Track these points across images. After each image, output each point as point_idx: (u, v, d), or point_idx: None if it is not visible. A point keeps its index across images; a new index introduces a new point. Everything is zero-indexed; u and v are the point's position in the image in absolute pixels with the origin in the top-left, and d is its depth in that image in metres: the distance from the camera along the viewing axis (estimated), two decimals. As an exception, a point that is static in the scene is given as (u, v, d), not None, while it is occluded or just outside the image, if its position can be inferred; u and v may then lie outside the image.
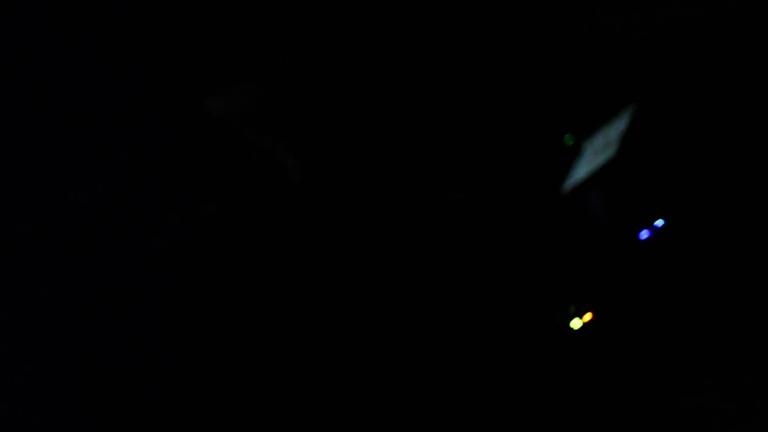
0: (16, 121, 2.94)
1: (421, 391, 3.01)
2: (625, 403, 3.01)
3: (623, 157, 3.17)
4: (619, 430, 2.97)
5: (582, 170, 3.18)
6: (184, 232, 3.00)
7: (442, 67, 3.19)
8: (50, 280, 2.92)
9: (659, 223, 3.18)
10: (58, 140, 2.96)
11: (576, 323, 3.14)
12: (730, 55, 3.19)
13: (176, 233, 3.00)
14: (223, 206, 3.04)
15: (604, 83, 3.23)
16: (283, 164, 3.02)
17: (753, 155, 3.22)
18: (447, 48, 3.19)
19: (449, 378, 3.03)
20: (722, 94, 3.21)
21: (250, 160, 3.03)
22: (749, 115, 3.20)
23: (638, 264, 3.17)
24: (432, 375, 3.03)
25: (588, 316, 3.13)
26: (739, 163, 3.21)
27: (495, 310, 3.10)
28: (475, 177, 3.18)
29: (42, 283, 2.92)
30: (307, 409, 2.98)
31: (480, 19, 3.20)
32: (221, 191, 3.04)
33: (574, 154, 3.20)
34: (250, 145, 3.04)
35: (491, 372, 3.05)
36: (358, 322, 3.04)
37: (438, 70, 3.19)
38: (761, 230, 3.18)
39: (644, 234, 3.18)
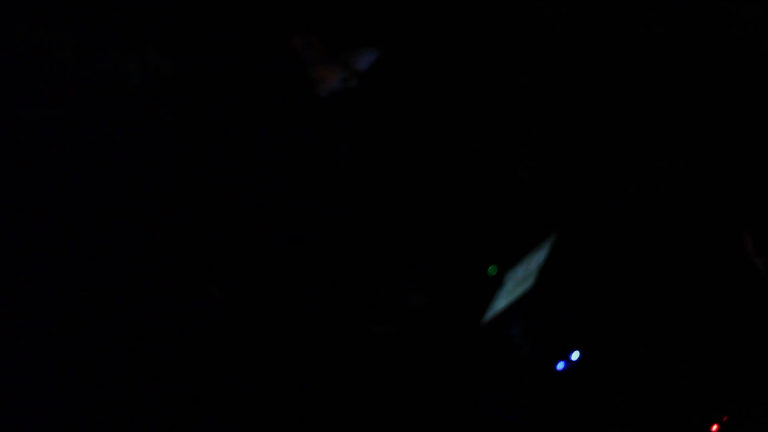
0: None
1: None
2: None
3: (541, 289, 3.21)
4: None
5: (502, 301, 3.24)
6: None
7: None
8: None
9: (575, 355, 3.19)
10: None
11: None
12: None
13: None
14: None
15: (526, 217, 3.29)
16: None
17: (665, 286, 3.19)
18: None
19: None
20: (636, 225, 3.21)
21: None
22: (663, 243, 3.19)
23: (555, 393, 3.18)
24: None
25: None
26: (652, 298, 3.19)
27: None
28: (400, 305, 3.29)
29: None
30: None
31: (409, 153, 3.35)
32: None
33: (496, 285, 3.27)
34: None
35: None
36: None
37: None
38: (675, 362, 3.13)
39: (560, 365, 3.19)
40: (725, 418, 2.99)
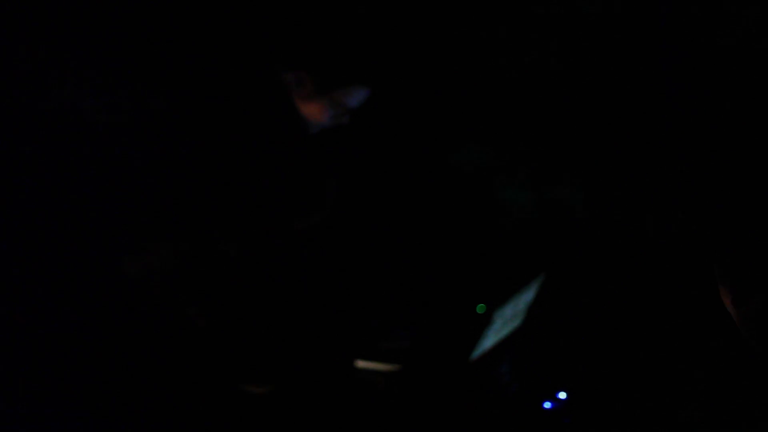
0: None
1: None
2: None
3: (529, 328, 3.23)
4: None
5: (490, 340, 3.26)
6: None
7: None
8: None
9: (562, 395, 3.20)
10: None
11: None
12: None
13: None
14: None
15: (516, 255, 3.31)
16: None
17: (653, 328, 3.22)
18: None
19: None
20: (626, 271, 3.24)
21: None
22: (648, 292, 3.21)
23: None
24: None
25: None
26: (641, 340, 3.21)
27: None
28: (388, 343, 3.30)
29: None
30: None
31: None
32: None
33: (485, 323, 3.28)
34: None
35: None
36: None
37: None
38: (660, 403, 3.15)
39: (548, 404, 3.21)
40: None
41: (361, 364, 3.22)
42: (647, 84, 3.37)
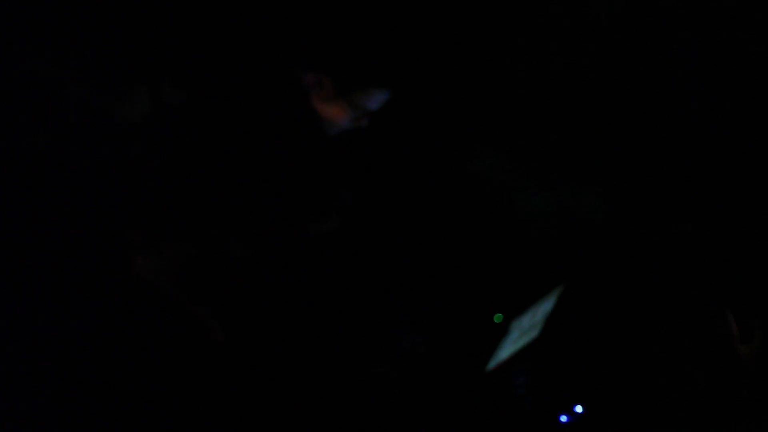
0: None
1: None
2: None
3: (546, 339, 3.17)
4: None
5: (507, 351, 3.21)
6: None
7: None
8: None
9: (579, 408, 3.15)
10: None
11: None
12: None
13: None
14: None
15: (535, 265, 3.26)
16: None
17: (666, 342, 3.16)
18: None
19: None
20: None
21: None
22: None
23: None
24: None
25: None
26: (658, 355, 3.16)
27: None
28: (402, 347, 3.26)
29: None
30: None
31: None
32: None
33: (501, 333, 3.23)
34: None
35: None
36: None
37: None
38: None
39: (564, 418, 3.16)
40: None
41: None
42: (666, 89, 3.32)
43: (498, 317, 3.24)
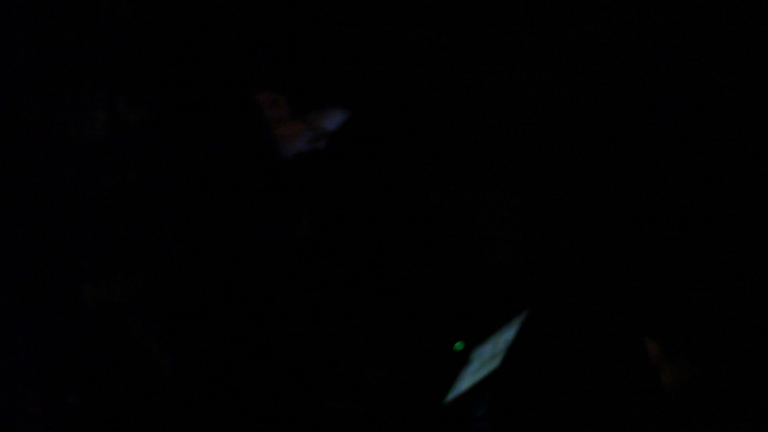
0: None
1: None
2: None
3: (507, 370, 3.09)
4: None
5: (467, 381, 3.12)
6: None
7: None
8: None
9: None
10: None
11: None
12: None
13: None
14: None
15: (497, 292, 3.18)
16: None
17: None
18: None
19: None
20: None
21: None
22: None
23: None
24: None
25: None
26: (622, 384, 3.08)
27: None
28: (362, 382, 3.17)
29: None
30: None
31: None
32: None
33: (462, 363, 3.14)
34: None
35: None
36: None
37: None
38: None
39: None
40: None
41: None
42: (638, 115, 3.26)
43: (459, 345, 3.14)
